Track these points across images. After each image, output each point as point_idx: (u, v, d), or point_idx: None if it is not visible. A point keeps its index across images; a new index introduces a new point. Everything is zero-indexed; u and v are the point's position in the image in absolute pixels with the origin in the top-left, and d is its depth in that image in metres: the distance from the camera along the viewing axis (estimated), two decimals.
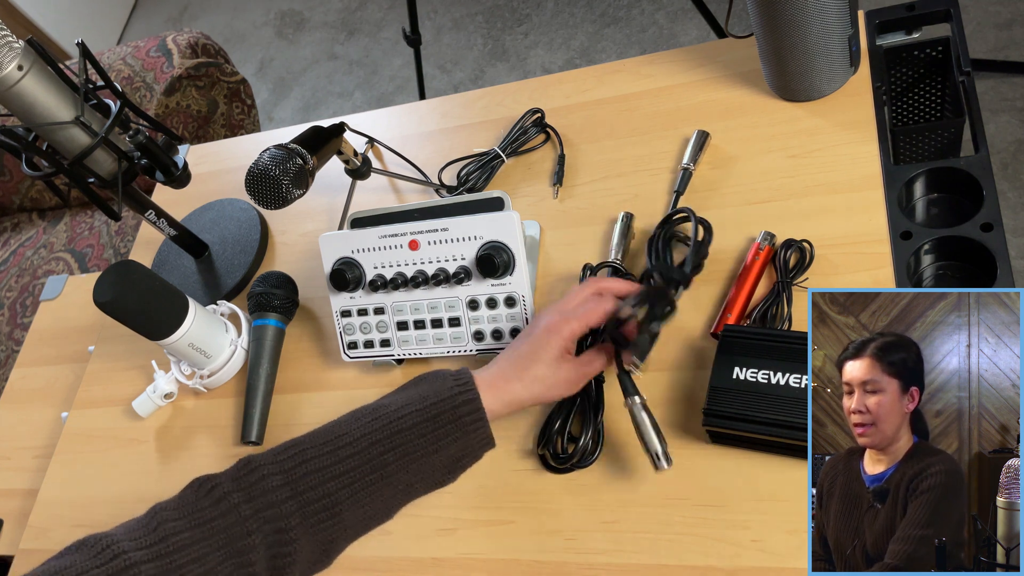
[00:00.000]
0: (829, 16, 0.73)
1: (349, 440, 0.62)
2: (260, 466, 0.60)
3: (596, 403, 0.72)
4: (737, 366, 0.66)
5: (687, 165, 0.82)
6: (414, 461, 0.62)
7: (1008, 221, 1.50)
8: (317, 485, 0.60)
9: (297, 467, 0.60)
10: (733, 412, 0.65)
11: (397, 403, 0.64)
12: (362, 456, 0.61)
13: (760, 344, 0.66)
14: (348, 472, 0.61)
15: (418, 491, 0.64)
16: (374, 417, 0.63)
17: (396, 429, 0.62)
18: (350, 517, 0.61)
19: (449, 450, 0.63)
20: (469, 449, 0.64)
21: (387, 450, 0.61)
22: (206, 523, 0.57)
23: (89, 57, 0.79)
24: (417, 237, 0.77)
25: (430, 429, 0.62)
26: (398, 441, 0.62)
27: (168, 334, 0.84)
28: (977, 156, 0.72)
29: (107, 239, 1.55)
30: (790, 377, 0.64)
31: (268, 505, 0.59)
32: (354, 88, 2.47)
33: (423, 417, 0.62)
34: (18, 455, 1.01)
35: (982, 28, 1.73)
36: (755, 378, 0.65)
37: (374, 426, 0.62)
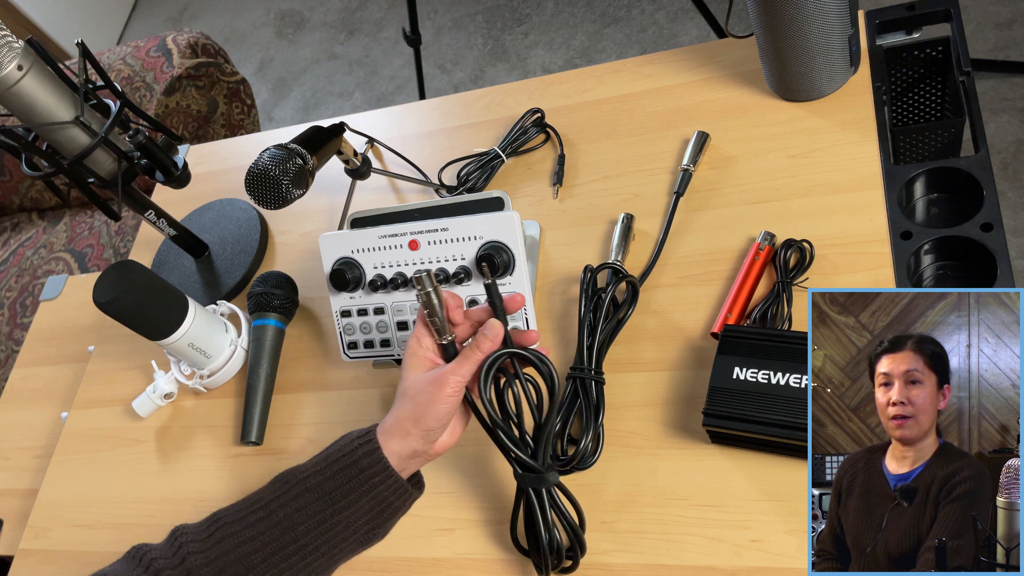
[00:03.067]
0: (829, 16, 0.73)
1: (260, 504, 0.62)
2: (183, 534, 0.62)
3: (596, 405, 0.72)
4: (737, 366, 0.66)
5: (687, 166, 0.82)
6: (324, 521, 0.61)
7: (1008, 221, 1.50)
8: (230, 550, 0.60)
9: (214, 533, 0.61)
10: (733, 412, 0.65)
11: (307, 465, 0.63)
12: (271, 519, 0.61)
13: (760, 344, 0.66)
14: (259, 536, 0.60)
15: (344, 552, 0.62)
16: (284, 480, 0.63)
17: (300, 490, 0.61)
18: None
19: (361, 506, 0.61)
20: (386, 501, 0.62)
21: (293, 512, 0.61)
22: None
23: (89, 57, 0.79)
24: (417, 237, 0.77)
25: (334, 486, 0.61)
26: (303, 502, 0.61)
27: (168, 334, 0.84)
28: (977, 156, 0.72)
29: (107, 239, 1.55)
30: (790, 377, 0.64)
31: (187, 573, 0.60)
32: (354, 88, 2.47)
33: (325, 475, 0.61)
34: (18, 455, 1.01)
35: (982, 28, 1.73)
36: (755, 378, 0.65)
37: (282, 489, 0.62)
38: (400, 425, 0.62)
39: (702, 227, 0.79)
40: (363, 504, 0.61)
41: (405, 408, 0.62)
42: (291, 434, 0.86)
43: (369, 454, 0.61)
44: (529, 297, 0.76)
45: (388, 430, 0.62)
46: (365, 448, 0.61)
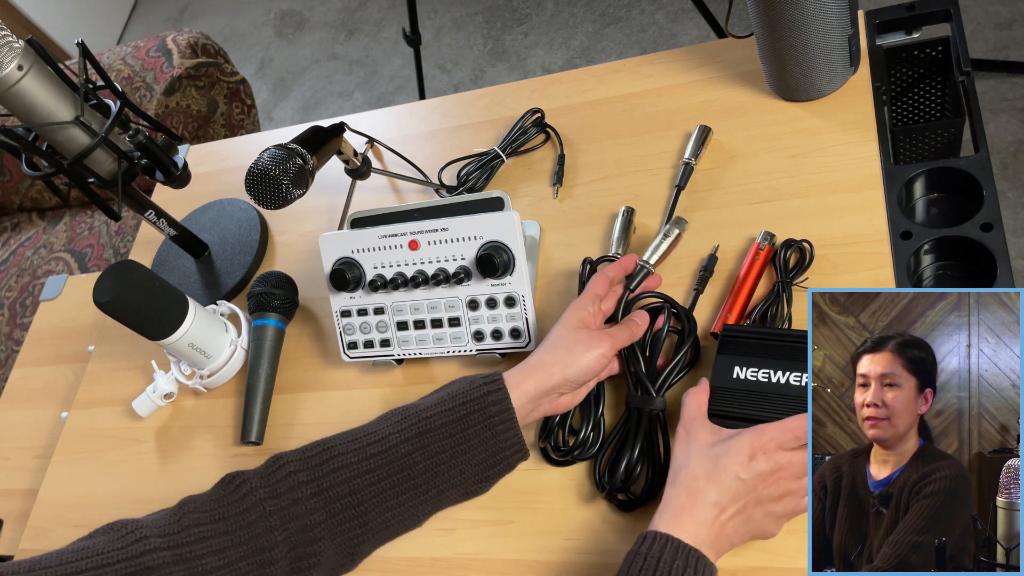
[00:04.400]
0: (829, 16, 0.73)
1: (377, 439, 0.61)
2: (288, 463, 0.60)
3: (596, 396, 0.72)
4: (737, 365, 0.66)
5: (688, 160, 0.82)
6: (442, 463, 0.60)
7: (1008, 221, 1.50)
8: (343, 482, 0.59)
9: (324, 463, 0.60)
10: (734, 412, 0.65)
11: (427, 403, 0.63)
12: (389, 455, 0.60)
13: (759, 343, 0.66)
14: (374, 470, 0.60)
15: (449, 498, 0.62)
16: (403, 416, 0.62)
17: (424, 429, 0.61)
18: (376, 519, 0.60)
19: (479, 453, 0.61)
20: (501, 454, 0.62)
21: (414, 449, 0.60)
22: (230, 518, 0.57)
23: (89, 57, 0.79)
24: (417, 237, 0.77)
25: (459, 429, 0.61)
26: (426, 441, 0.60)
27: (168, 334, 0.84)
28: (977, 156, 0.72)
29: (107, 239, 1.55)
30: (790, 376, 0.64)
31: (293, 502, 0.58)
32: (354, 88, 2.47)
33: (451, 417, 0.61)
34: (18, 455, 1.01)
35: (982, 28, 1.73)
36: (755, 377, 0.65)
37: (402, 425, 0.61)
38: (545, 368, 0.64)
39: (702, 227, 0.79)
40: (481, 451, 0.62)
41: (557, 354, 0.64)
42: (291, 434, 0.86)
43: (498, 402, 0.62)
44: (529, 297, 0.76)
45: (529, 368, 0.64)
46: (495, 395, 0.62)
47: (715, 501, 0.55)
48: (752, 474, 0.56)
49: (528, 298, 0.76)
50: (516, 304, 0.76)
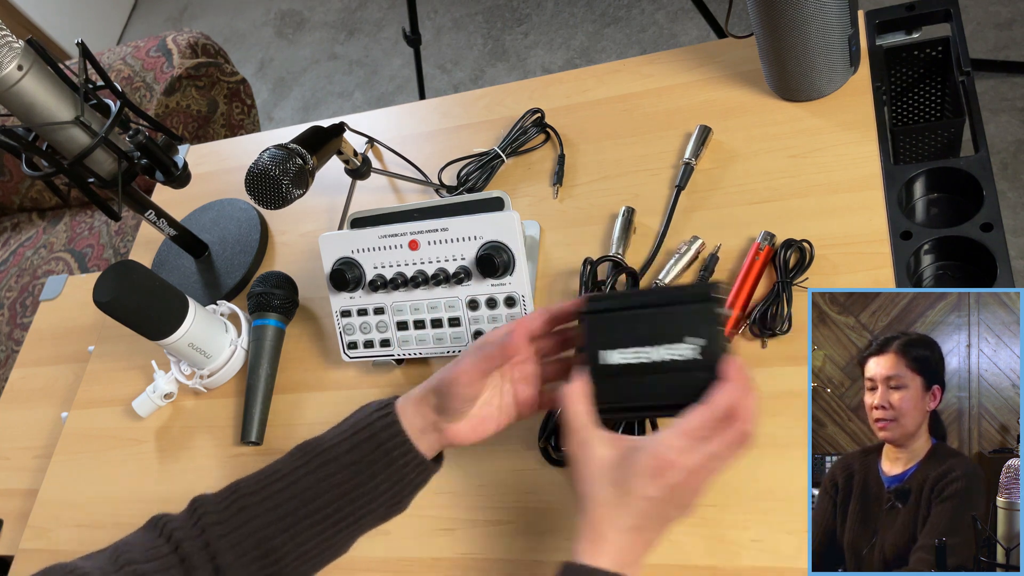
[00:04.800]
0: (829, 16, 0.73)
1: (280, 475, 0.62)
2: (202, 505, 0.62)
3: None
4: (611, 349, 0.57)
5: (689, 160, 0.82)
6: (348, 493, 0.60)
7: (1008, 221, 1.50)
8: (248, 521, 0.60)
9: (231, 505, 0.61)
10: (625, 403, 0.57)
11: (330, 435, 0.63)
12: (293, 490, 0.61)
13: (629, 316, 0.57)
14: (279, 506, 0.60)
15: (368, 522, 0.62)
16: (306, 451, 0.63)
17: (325, 460, 0.61)
18: (291, 553, 0.60)
19: (381, 480, 0.61)
20: (406, 478, 0.61)
21: (317, 482, 0.60)
22: (161, 558, 0.58)
23: (89, 57, 0.79)
24: (417, 237, 0.77)
25: (357, 458, 0.61)
26: (328, 471, 0.61)
27: (168, 334, 0.84)
28: (977, 156, 0.72)
29: (107, 239, 1.55)
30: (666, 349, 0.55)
31: (205, 545, 0.59)
32: (354, 88, 2.47)
33: (348, 447, 0.61)
34: (18, 455, 1.01)
35: (982, 28, 1.73)
36: (636, 359, 0.56)
37: (305, 459, 0.62)
38: (422, 392, 0.62)
39: (702, 227, 0.79)
40: (384, 477, 0.61)
41: (435, 376, 0.62)
42: (291, 434, 0.86)
43: (388, 427, 0.61)
44: (529, 297, 0.76)
45: (411, 398, 0.62)
46: (384, 420, 0.61)
47: (631, 525, 0.53)
48: (662, 489, 0.52)
49: (528, 298, 0.76)
50: (516, 304, 0.76)
